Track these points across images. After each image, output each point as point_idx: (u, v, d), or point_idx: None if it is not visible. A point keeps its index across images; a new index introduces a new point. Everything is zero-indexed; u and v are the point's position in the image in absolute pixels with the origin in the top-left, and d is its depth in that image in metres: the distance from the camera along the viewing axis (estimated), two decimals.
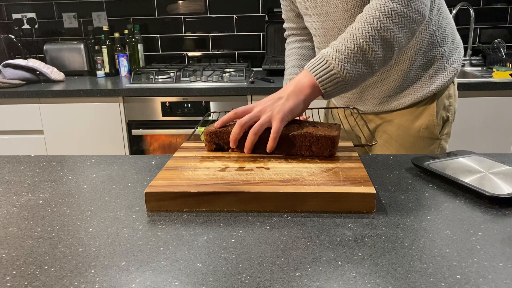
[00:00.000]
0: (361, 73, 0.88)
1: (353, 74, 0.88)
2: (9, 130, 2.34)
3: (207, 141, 0.90)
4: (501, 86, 2.07)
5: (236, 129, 0.85)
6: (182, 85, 2.24)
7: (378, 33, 0.88)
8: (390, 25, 0.88)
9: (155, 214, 0.72)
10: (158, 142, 2.33)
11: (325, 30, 1.13)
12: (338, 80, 0.88)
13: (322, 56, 0.89)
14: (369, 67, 0.89)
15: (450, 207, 0.72)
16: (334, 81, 0.88)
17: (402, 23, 0.89)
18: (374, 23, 0.88)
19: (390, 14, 0.88)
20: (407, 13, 0.89)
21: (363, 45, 0.87)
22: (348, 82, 0.88)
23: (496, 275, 0.53)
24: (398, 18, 0.88)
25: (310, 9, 1.14)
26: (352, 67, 0.87)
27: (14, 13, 2.80)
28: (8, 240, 0.64)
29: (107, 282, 0.53)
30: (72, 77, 2.62)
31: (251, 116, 0.86)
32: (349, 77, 0.88)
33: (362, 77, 0.89)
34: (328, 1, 1.07)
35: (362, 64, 0.88)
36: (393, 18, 0.88)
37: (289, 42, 1.36)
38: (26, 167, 0.96)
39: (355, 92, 1.19)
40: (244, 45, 2.75)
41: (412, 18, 0.90)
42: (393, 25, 0.88)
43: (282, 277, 0.54)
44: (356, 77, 0.88)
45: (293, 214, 0.70)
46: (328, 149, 0.85)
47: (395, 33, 0.88)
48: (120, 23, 2.77)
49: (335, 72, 0.87)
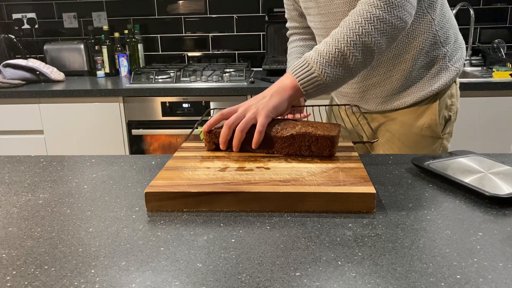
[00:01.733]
0: (341, 76, 0.91)
1: (333, 78, 0.91)
2: (9, 130, 2.34)
3: (207, 141, 0.91)
4: (501, 86, 2.07)
5: (225, 130, 0.87)
6: (182, 85, 2.24)
7: (359, 39, 0.89)
8: (371, 31, 0.90)
9: (155, 214, 0.72)
10: (158, 142, 2.33)
11: (327, 30, 1.13)
12: (319, 83, 0.91)
13: (304, 60, 0.92)
14: (349, 71, 0.91)
15: (450, 207, 0.72)
16: (314, 84, 0.91)
17: (384, 30, 0.90)
18: (356, 28, 0.90)
19: (373, 20, 0.90)
20: (389, 20, 0.90)
21: (344, 50, 0.89)
22: (328, 84, 0.91)
23: (496, 275, 0.53)
24: (380, 24, 0.90)
25: (312, 9, 1.15)
26: (333, 70, 0.90)
27: (14, 13, 2.80)
28: (8, 240, 0.65)
29: (107, 282, 0.53)
30: (72, 77, 2.62)
31: (237, 116, 0.88)
32: (329, 80, 0.90)
33: (342, 80, 0.92)
34: (331, 1, 1.08)
35: (342, 68, 0.90)
36: (375, 24, 0.90)
37: (292, 41, 1.36)
38: (26, 167, 0.96)
39: (358, 91, 1.19)
40: (244, 45, 2.75)
41: (394, 25, 0.91)
42: (374, 31, 0.90)
43: (282, 277, 0.54)
44: (336, 80, 0.91)
45: (293, 214, 0.70)
46: (328, 149, 0.85)
47: (376, 39, 0.90)
48: (120, 23, 2.77)
49: (316, 76, 0.90)
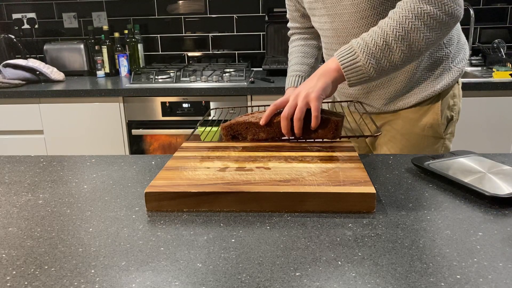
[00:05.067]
0: (385, 69, 0.91)
1: (377, 69, 0.90)
2: (9, 130, 2.34)
3: (224, 135, 0.98)
4: (501, 86, 2.07)
5: (284, 122, 0.91)
6: (182, 85, 2.24)
7: (408, 34, 0.88)
8: (421, 27, 0.88)
9: (155, 214, 0.72)
10: (158, 142, 2.33)
11: (334, 31, 1.13)
12: (362, 72, 0.90)
13: (351, 46, 0.91)
14: (393, 65, 0.91)
15: (450, 207, 0.72)
16: (358, 73, 0.91)
17: (434, 26, 0.89)
18: (406, 23, 0.88)
19: (423, 16, 0.88)
20: (440, 16, 0.88)
21: (392, 43, 0.89)
22: (371, 76, 0.91)
23: (496, 275, 0.53)
24: (430, 20, 0.88)
25: (318, 9, 1.15)
26: (377, 62, 0.89)
27: (14, 13, 2.80)
28: (8, 240, 0.64)
29: (107, 282, 0.53)
30: (72, 77, 2.62)
31: (290, 106, 0.91)
32: (373, 71, 0.90)
33: (385, 72, 0.92)
34: (338, 3, 1.08)
35: (388, 61, 0.90)
36: (425, 20, 0.88)
37: (293, 40, 1.36)
38: (26, 167, 0.96)
39: (362, 92, 1.19)
40: (244, 45, 2.75)
41: (444, 21, 0.89)
42: (424, 27, 0.88)
43: (282, 277, 0.54)
44: (379, 72, 0.91)
45: (293, 214, 0.70)
46: (332, 131, 0.91)
47: (425, 35, 0.89)
48: (120, 23, 2.77)
49: (360, 65, 0.90)
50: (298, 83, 1.25)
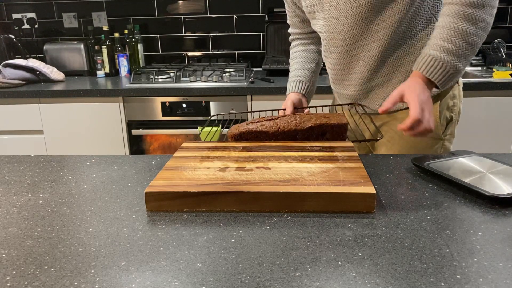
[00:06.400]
0: (470, 58, 0.99)
1: (467, 63, 1.00)
2: (9, 130, 2.33)
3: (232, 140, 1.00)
4: (501, 86, 2.07)
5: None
6: (182, 85, 2.24)
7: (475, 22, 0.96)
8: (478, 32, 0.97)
9: (155, 214, 0.72)
10: (158, 142, 2.33)
11: (330, 34, 1.13)
12: (454, 75, 0.99)
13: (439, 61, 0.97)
14: (473, 51, 0.99)
15: (450, 207, 0.72)
16: (451, 77, 0.99)
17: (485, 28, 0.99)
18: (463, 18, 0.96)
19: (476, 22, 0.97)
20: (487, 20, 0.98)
21: (469, 41, 0.96)
22: (462, 71, 1.01)
23: (496, 275, 0.53)
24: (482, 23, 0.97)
25: (317, 13, 1.15)
26: (467, 61, 0.99)
27: (14, 13, 2.80)
28: (8, 240, 0.64)
29: (107, 282, 0.53)
30: (72, 77, 2.62)
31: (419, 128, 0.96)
32: (464, 67, 0.99)
33: (470, 60, 1.01)
34: (335, 6, 1.08)
35: (471, 54, 0.98)
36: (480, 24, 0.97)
37: (294, 46, 1.37)
38: (26, 167, 0.96)
39: (361, 93, 1.19)
40: (244, 45, 2.75)
41: (489, 23, 0.99)
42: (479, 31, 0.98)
43: (282, 277, 0.54)
44: (468, 63, 1.00)
45: (293, 214, 0.70)
46: (342, 135, 0.96)
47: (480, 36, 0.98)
48: (120, 23, 2.77)
49: (453, 72, 0.98)
50: (299, 88, 1.26)
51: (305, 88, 1.26)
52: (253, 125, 0.98)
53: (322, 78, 2.18)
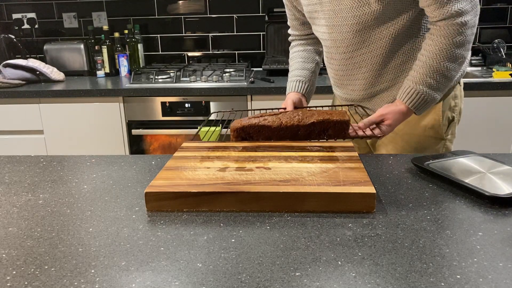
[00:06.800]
0: (447, 87, 1.07)
1: (442, 92, 1.07)
2: (9, 130, 2.33)
3: (234, 136, 0.99)
4: (501, 86, 2.07)
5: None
6: (182, 85, 2.23)
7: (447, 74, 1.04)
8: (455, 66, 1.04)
9: (155, 214, 0.72)
10: (158, 142, 2.33)
11: (332, 42, 1.14)
12: (432, 103, 1.07)
13: (417, 92, 1.05)
14: (451, 80, 1.06)
15: (450, 207, 0.72)
16: (429, 105, 1.07)
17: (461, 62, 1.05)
18: (445, 68, 1.03)
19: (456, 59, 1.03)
20: (465, 55, 1.05)
21: (448, 76, 1.04)
22: (438, 100, 1.08)
23: (496, 275, 0.53)
24: (460, 60, 1.04)
25: (318, 19, 1.15)
26: (442, 90, 1.06)
27: (14, 13, 2.80)
28: (8, 240, 0.64)
29: (107, 282, 0.53)
30: (72, 77, 2.62)
31: None
32: (439, 97, 1.07)
33: (447, 88, 1.08)
34: (336, 14, 1.08)
35: (448, 82, 1.06)
36: (458, 60, 1.04)
37: (293, 46, 1.37)
38: (26, 167, 0.96)
39: (366, 97, 1.20)
40: (244, 45, 2.75)
41: (466, 57, 1.06)
42: (457, 66, 1.05)
43: (282, 277, 0.54)
44: (443, 93, 1.08)
45: (293, 214, 0.70)
46: (343, 131, 0.97)
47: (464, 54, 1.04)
48: (120, 23, 2.76)
49: (432, 101, 1.06)
50: (299, 88, 1.26)
51: (304, 88, 1.27)
52: (256, 119, 0.98)
53: (322, 78, 2.18)
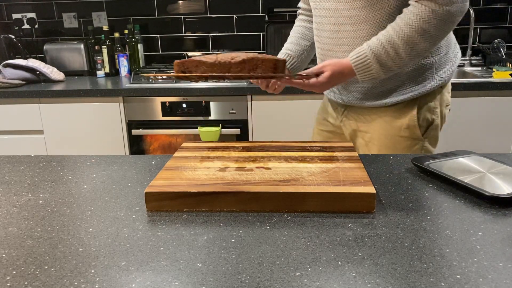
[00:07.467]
0: (394, 70, 1.07)
1: (386, 72, 1.07)
2: (9, 130, 2.33)
3: (176, 70, 1.04)
4: (501, 86, 2.07)
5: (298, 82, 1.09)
6: (182, 85, 2.24)
7: (413, 42, 1.02)
8: (426, 33, 1.01)
9: (155, 214, 0.72)
10: (158, 142, 2.33)
11: (326, 11, 1.16)
12: (373, 76, 1.07)
13: (365, 54, 1.05)
14: (400, 66, 1.07)
15: (450, 207, 0.72)
16: (370, 75, 1.07)
17: (432, 41, 1.03)
18: (411, 31, 1.01)
19: (424, 35, 1.01)
20: (438, 35, 1.03)
21: (400, 51, 1.03)
22: (380, 77, 1.08)
23: (496, 275, 0.53)
24: (430, 38, 1.02)
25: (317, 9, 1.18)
26: (388, 69, 1.06)
27: (14, 13, 2.80)
28: (8, 240, 0.65)
29: (107, 282, 0.53)
30: (72, 77, 2.62)
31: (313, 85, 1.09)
32: (382, 74, 1.07)
33: (393, 71, 1.08)
34: None
35: (396, 65, 1.06)
36: (426, 38, 1.02)
37: (297, 20, 1.39)
38: (26, 167, 0.96)
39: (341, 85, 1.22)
40: (244, 45, 2.75)
41: (442, 36, 1.04)
42: (424, 43, 1.02)
43: (282, 277, 0.54)
44: (388, 73, 1.08)
45: (293, 214, 0.70)
46: (271, 70, 1.00)
47: (430, 42, 1.03)
48: (120, 23, 2.76)
49: (373, 72, 1.06)
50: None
51: (291, 63, 1.27)
52: (198, 57, 1.04)
53: None
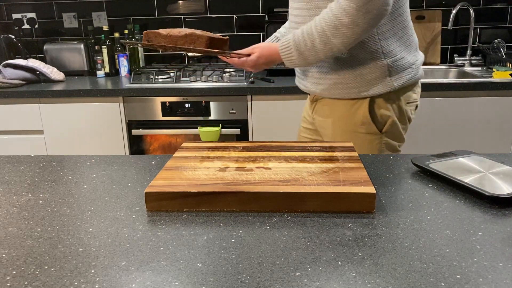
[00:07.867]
0: (312, 62, 1.17)
1: (305, 63, 1.17)
2: (9, 130, 2.33)
3: (143, 39, 1.19)
4: (501, 86, 2.07)
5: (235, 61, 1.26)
6: (182, 85, 2.24)
7: (329, 39, 1.09)
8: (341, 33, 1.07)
9: (155, 214, 0.72)
10: (158, 142, 2.33)
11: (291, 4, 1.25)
12: (295, 64, 1.18)
13: (288, 43, 1.16)
14: (318, 60, 1.15)
15: (450, 207, 0.72)
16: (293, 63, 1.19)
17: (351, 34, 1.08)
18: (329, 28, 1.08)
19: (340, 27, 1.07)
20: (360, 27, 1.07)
21: (317, 45, 1.10)
22: (301, 65, 1.19)
23: (496, 275, 0.53)
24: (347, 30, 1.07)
25: None
26: (305, 59, 1.15)
27: (14, 13, 2.80)
28: (8, 240, 0.65)
29: (107, 282, 0.53)
30: (72, 77, 2.62)
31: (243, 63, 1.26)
32: (303, 63, 1.17)
33: (311, 63, 1.17)
34: None
35: (314, 57, 1.14)
36: (344, 31, 1.07)
37: None
38: (26, 167, 0.96)
39: (302, 68, 1.29)
40: (244, 45, 2.75)
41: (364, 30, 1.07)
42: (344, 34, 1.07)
43: (282, 277, 0.54)
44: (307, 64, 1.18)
45: (293, 214, 0.70)
46: (205, 45, 1.12)
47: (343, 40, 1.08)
48: (120, 23, 2.77)
49: (295, 60, 1.17)
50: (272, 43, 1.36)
51: None
52: (162, 30, 1.17)
53: None
